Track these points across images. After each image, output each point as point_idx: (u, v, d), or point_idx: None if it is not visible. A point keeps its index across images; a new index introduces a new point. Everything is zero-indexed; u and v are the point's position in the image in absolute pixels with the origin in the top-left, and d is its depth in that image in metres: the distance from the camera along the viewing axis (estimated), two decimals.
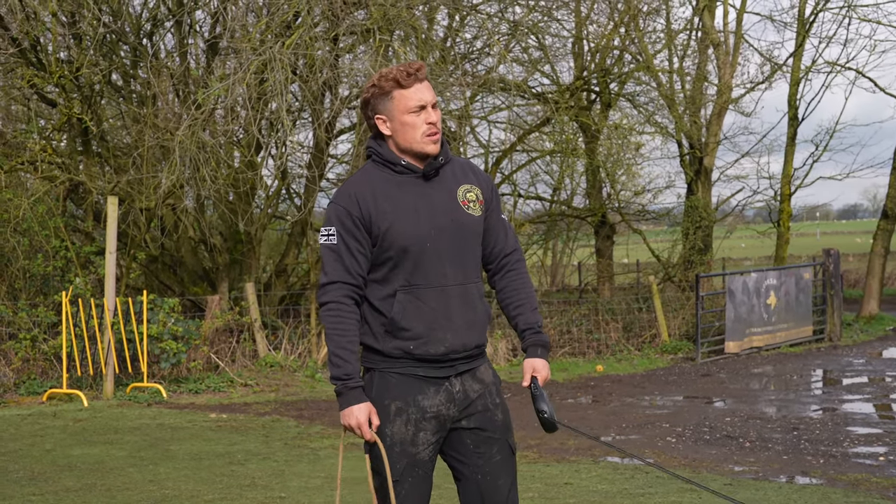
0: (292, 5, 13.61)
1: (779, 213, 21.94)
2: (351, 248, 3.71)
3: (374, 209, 3.72)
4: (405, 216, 3.73)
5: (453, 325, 3.76)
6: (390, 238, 3.70)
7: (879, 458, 8.77)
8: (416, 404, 3.73)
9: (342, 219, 3.72)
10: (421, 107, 3.76)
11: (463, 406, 3.79)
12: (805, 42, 21.55)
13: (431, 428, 3.74)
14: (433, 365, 3.76)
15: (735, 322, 16.72)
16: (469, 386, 3.82)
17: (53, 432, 10.16)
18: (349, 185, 3.79)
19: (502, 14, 17.34)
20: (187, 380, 13.17)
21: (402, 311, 3.71)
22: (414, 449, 3.73)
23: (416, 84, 3.76)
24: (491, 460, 3.83)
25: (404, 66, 3.77)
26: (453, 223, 3.79)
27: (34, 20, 14.26)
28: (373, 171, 3.82)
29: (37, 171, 14.75)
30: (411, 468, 3.74)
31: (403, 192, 3.77)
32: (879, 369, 14.97)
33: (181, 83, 15.42)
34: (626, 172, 22.40)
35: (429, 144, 3.77)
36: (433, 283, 3.74)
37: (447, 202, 3.81)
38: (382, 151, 3.81)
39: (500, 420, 3.87)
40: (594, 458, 8.82)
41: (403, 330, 3.71)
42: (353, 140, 15.40)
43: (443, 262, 3.76)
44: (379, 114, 3.81)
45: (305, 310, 16.12)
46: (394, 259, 3.72)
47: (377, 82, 3.78)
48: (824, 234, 69.93)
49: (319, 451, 9.14)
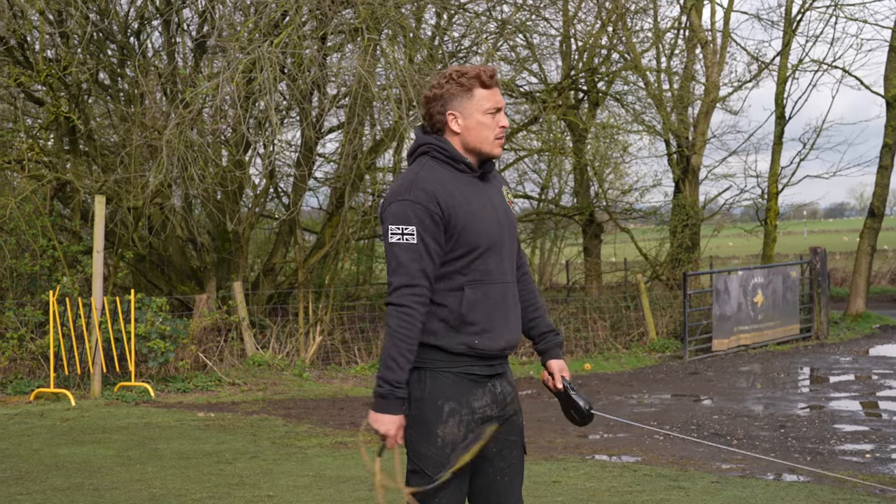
0: (280, 4, 13.60)
1: (766, 212, 21.99)
2: (430, 249, 3.67)
3: (452, 206, 3.70)
4: (480, 214, 3.76)
5: (510, 320, 3.83)
6: (466, 235, 3.71)
7: (866, 455, 8.81)
8: (468, 405, 3.74)
9: (422, 217, 3.66)
10: (497, 109, 3.81)
11: (501, 408, 3.83)
12: (792, 41, 21.61)
13: (478, 429, 3.76)
14: (487, 363, 3.78)
15: (722, 320, 16.77)
16: (505, 388, 3.87)
17: (41, 432, 10.14)
18: (421, 182, 3.72)
19: (490, 13, 17.36)
20: (175, 379, 13.16)
21: (470, 305, 3.72)
22: (466, 451, 3.75)
23: (495, 87, 3.82)
24: (510, 463, 3.88)
25: (484, 68, 3.81)
26: (508, 221, 3.88)
27: (21, 18, 14.23)
28: (437, 167, 3.80)
29: (24, 170, 14.71)
30: (460, 470, 3.74)
31: (471, 192, 3.79)
32: (866, 367, 15.03)
33: (169, 82, 15.39)
34: (613, 171, 22.49)
35: (496, 147, 3.83)
36: (496, 279, 3.79)
37: (502, 202, 3.90)
38: (448, 148, 3.81)
39: (520, 423, 3.94)
40: (581, 455, 8.84)
41: (470, 324, 3.71)
42: (342, 139, 15.39)
43: (503, 258, 3.82)
44: (452, 110, 3.80)
45: (293, 308, 16.11)
46: (467, 256, 3.73)
47: (457, 79, 3.79)
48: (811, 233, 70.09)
49: (307, 450, 9.14)
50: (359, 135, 14.87)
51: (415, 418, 3.75)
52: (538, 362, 15.27)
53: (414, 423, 3.75)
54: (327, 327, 15.73)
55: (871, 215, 22.12)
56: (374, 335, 16.14)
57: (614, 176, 22.90)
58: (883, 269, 32.62)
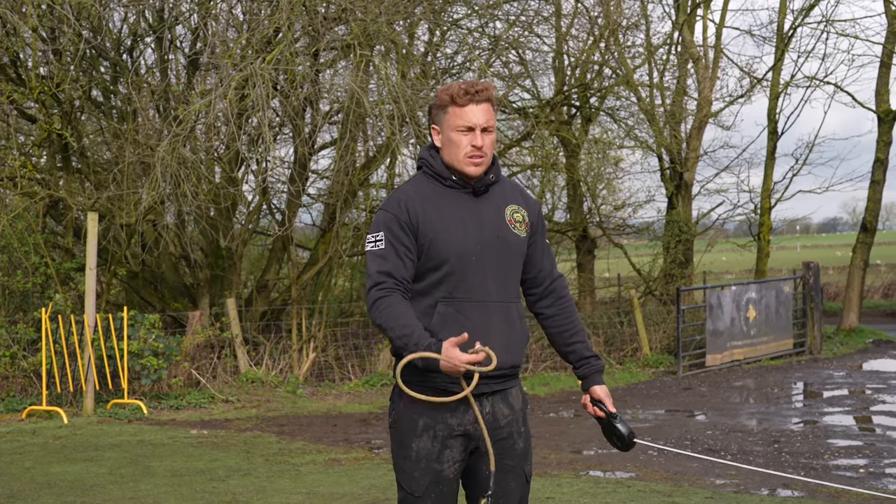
0: (273, 21, 13.62)
1: (759, 227, 22.02)
2: (399, 251, 3.69)
3: (422, 217, 3.71)
4: (452, 228, 3.73)
5: (492, 341, 3.72)
6: (436, 248, 3.70)
7: (860, 470, 8.81)
8: (443, 421, 3.72)
9: (389, 224, 3.71)
10: (469, 128, 3.76)
11: (491, 429, 3.77)
12: (784, 56, 21.68)
13: (458, 446, 3.73)
14: (464, 380, 3.72)
15: (716, 335, 16.78)
16: (499, 409, 3.82)
17: (33, 449, 10.10)
18: (398, 193, 3.79)
19: (483, 29, 17.39)
20: (168, 396, 13.12)
21: (442, 323, 3.69)
22: (439, 466, 3.73)
23: (471, 105, 3.76)
24: (505, 488, 3.83)
25: (466, 85, 3.79)
26: (499, 239, 3.80)
27: (14, 36, 14.23)
28: (423, 181, 3.83)
29: (16, 187, 14.68)
30: (435, 485, 3.74)
31: (451, 205, 3.77)
32: (859, 382, 15.04)
33: (162, 99, 15.39)
34: (606, 187, 22.49)
35: (469, 166, 3.78)
36: (475, 298, 3.74)
37: (494, 218, 3.83)
38: (434, 164, 3.83)
39: (520, 448, 3.87)
40: (576, 472, 8.83)
41: (441, 342, 3.66)
42: (335, 155, 15.39)
43: (486, 277, 3.76)
44: (435, 125, 3.85)
45: (287, 325, 16.09)
46: (438, 270, 3.71)
47: (439, 94, 3.82)
48: (804, 248, 70.24)
49: (301, 467, 9.12)
50: (351, 151, 14.86)
51: (393, 432, 3.79)
52: (530, 378, 15.26)
53: (393, 437, 3.80)
54: (321, 344, 15.71)
55: (864, 230, 22.17)
56: (367, 352, 16.12)
57: (607, 191, 22.89)
58: (876, 283, 32.68)
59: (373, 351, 16.07)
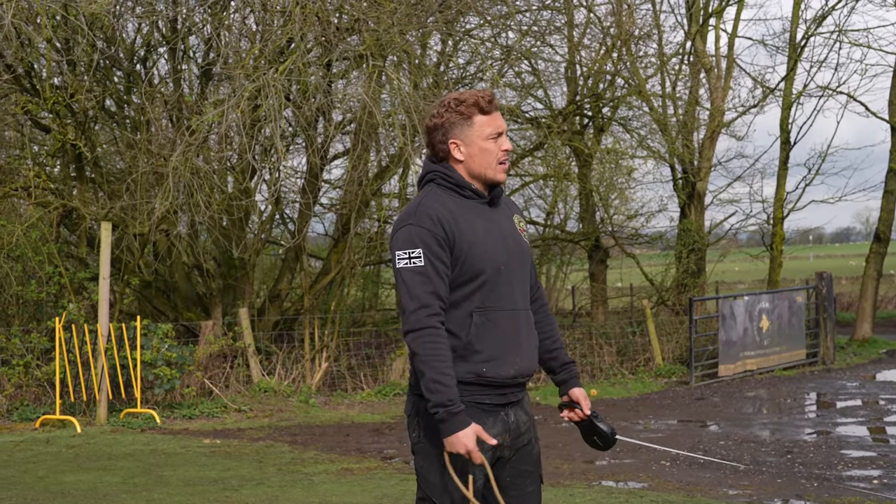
0: (286, 31, 13.66)
1: (772, 237, 21.98)
2: (439, 270, 3.67)
3: (456, 231, 3.71)
4: (484, 240, 3.75)
5: (522, 348, 3.80)
6: (471, 260, 3.71)
7: (874, 481, 8.77)
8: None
9: (427, 240, 3.67)
10: (499, 133, 3.81)
11: (514, 437, 3.82)
12: (797, 66, 21.66)
13: (488, 458, 3.74)
14: (497, 391, 3.76)
15: (728, 345, 16.73)
16: (519, 417, 3.86)
17: (46, 459, 10.13)
18: (425, 208, 3.74)
19: (495, 39, 17.42)
20: (181, 405, 13.15)
21: (478, 333, 3.71)
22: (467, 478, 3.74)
23: (495, 111, 3.82)
24: (523, 492, 3.87)
25: (482, 93, 3.80)
26: (519, 248, 3.86)
27: (29, 47, 14.30)
28: (441, 194, 3.81)
29: (30, 197, 14.75)
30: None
31: (477, 217, 3.79)
32: (873, 392, 14.98)
33: (175, 109, 15.44)
34: (618, 196, 22.48)
35: (500, 172, 3.83)
36: (505, 307, 3.77)
37: (512, 228, 3.89)
38: (452, 175, 3.82)
39: (536, 453, 3.93)
40: (588, 482, 8.81)
41: (477, 352, 3.69)
42: (347, 165, 15.42)
43: (513, 285, 3.81)
44: (454, 139, 3.81)
45: (299, 335, 16.10)
46: (473, 282, 3.72)
47: (455, 107, 3.79)
48: (817, 258, 70.04)
49: (313, 477, 9.12)
50: (364, 161, 14.90)
51: (423, 446, 3.76)
52: (544, 388, 15.24)
53: (422, 451, 3.77)
54: (333, 353, 15.72)
55: (877, 240, 22.11)
56: (379, 361, 16.13)
57: (620, 201, 22.89)
58: (889, 293, 32.58)
59: (385, 361, 16.07)
